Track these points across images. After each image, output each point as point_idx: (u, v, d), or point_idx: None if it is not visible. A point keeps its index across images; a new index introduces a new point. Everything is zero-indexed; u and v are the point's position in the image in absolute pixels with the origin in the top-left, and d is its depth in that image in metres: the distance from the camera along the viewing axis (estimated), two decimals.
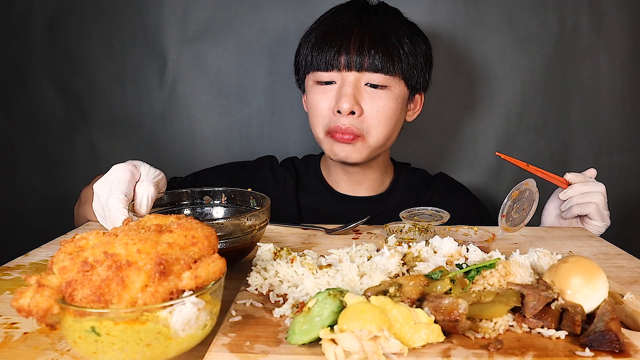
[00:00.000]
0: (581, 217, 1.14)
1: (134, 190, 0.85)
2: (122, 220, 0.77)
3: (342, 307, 0.55)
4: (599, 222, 1.10)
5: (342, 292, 0.57)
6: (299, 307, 0.59)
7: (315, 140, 1.31)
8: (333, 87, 1.20)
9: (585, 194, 1.10)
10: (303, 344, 0.54)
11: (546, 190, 1.15)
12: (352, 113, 1.16)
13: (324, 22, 1.23)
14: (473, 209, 1.41)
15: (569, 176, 1.13)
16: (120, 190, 0.81)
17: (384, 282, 0.63)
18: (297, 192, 1.38)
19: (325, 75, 1.19)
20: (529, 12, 1.56)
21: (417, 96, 1.30)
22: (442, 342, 0.54)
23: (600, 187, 1.10)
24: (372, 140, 1.20)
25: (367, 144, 1.20)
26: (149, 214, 0.64)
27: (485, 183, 1.67)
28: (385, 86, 1.18)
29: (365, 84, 1.17)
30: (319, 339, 0.52)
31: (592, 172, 1.16)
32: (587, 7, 1.55)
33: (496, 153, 1.06)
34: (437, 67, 1.60)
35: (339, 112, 1.17)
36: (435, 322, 0.55)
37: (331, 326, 0.53)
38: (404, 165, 1.46)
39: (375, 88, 1.17)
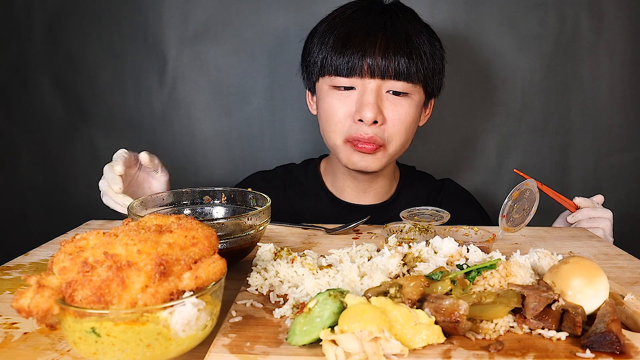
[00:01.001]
0: None
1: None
2: (119, 165, 1.02)
3: (343, 307, 0.55)
4: (601, 237, 1.10)
5: (342, 293, 0.57)
6: (300, 307, 0.59)
7: (316, 142, 1.30)
8: (352, 92, 1.14)
9: (594, 219, 1.11)
10: (303, 345, 0.54)
11: (546, 196, 1.15)
12: (375, 122, 1.12)
13: (341, 23, 1.16)
14: (479, 218, 1.39)
15: (577, 200, 1.14)
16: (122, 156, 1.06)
17: (384, 283, 0.63)
18: (296, 199, 1.34)
19: (345, 81, 1.13)
20: (529, 12, 1.56)
21: (430, 101, 1.28)
22: (442, 343, 0.54)
23: (608, 214, 1.11)
24: (392, 149, 1.17)
25: (387, 153, 1.17)
26: (150, 214, 0.63)
27: (485, 183, 1.67)
28: (407, 93, 1.15)
29: (387, 92, 1.13)
30: (320, 340, 0.52)
31: (599, 198, 1.18)
32: (587, 7, 1.55)
33: (514, 170, 1.10)
34: None
35: (360, 120, 1.12)
36: (436, 323, 0.55)
37: (332, 327, 0.53)
38: (410, 170, 1.43)
39: (397, 95, 1.14)
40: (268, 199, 0.86)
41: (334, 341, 0.51)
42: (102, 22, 1.64)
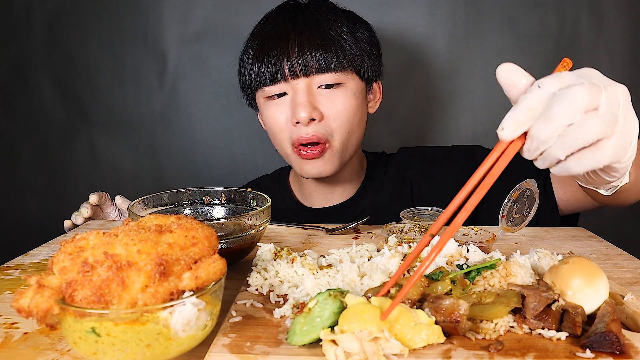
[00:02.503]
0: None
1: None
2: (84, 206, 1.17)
3: (343, 307, 0.55)
4: (619, 158, 0.54)
5: (342, 293, 0.57)
6: (300, 307, 0.59)
7: None
8: (286, 98, 1.13)
9: (562, 135, 0.52)
10: (303, 345, 0.54)
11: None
12: (312, 120, 1.10)
13: (258, 34, 1.16)
14: (447, 177, 1.25)
15: (503, 132, 0.54)
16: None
17: (384, 283, 0.62)
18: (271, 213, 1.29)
19: (274, 89, 1.13)
20: (529, 12, 1.56)
21: (375, 85, 1.24)
22: (442, 343, 0.54)
23: (579, 94, 0.50)
24: (338, 143, 1.14)
25: (334, 150, 1.14)
26: (150, 214, 0.63)
27: None
28: (339, 84, 1.12)
29: (319, 87, 1.12)
30: (320, 340, 0.52)
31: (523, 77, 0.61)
32: (587, 7, 1.55)
33: None
34: (437, 67, 1.61)
35: (298, 123, 1.11)
36: (436, 322, 0.55)
37: (332, 327, 0.53)
38: (378, 156, 1.37)
39: (329, 88, 1.12)
40: (268, 199, 0.86)
41: (334, 341, 0.51)
42: (102, 22, 1.64)
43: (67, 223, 1.18)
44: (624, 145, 0.54)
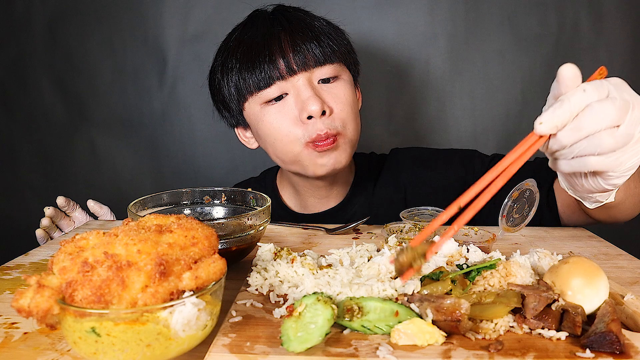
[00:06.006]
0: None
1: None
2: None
3: (334, 314, 0.54)
4: (614, 169, 0.62)
5: (331, 298, 0.57)
6: (288, 311, 0.58)
7: None
8: (286, 100, 1.08)
9: (575, 144, 0.60)
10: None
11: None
12: (323, 113, 1.06)
13: (236, 45, 1.11)
14: (443, 181, 1.23)
15: (541, 127, 0.60)
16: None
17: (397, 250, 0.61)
18: None
19: (271, 91, 1.07)
20: (529, 12, 1.56)
21: (356, 83, 1.23)
22: (442, 343, 0.54)
23: (608, 111, 0.56)
24: (350, 133, 1.11)
25: (347, 138, 1.11)
26: (150, 214, 0.63)
27: None
28: (336, 76, 1.11)
29: (318, 82, 1.09)
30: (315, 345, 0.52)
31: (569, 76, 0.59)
32: (587, 7, 1.55)
33: None
34: (436, 67, 1.61)
35: (308, 118, 1.05)
36: (437, 322, 0.55)
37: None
38: (368, 157, 1.34)
39: (327, 83, 1.10)
40: (268, 199, 0.86)
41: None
42: (102, 22, 1.64)
43: (38, 232, 1.17)
44: (622, 160, 0.61)
